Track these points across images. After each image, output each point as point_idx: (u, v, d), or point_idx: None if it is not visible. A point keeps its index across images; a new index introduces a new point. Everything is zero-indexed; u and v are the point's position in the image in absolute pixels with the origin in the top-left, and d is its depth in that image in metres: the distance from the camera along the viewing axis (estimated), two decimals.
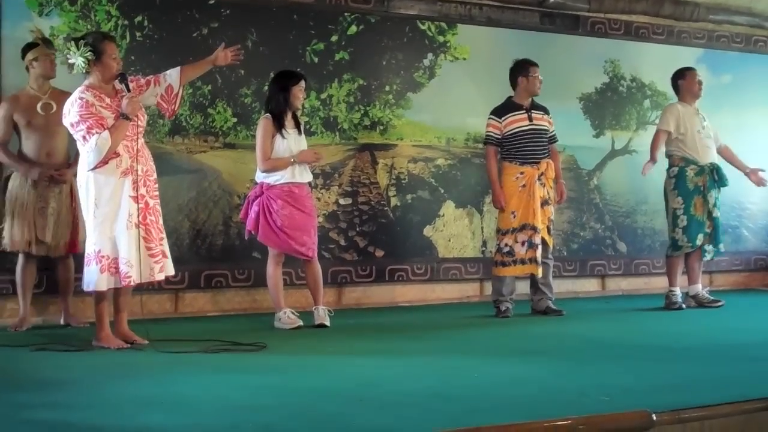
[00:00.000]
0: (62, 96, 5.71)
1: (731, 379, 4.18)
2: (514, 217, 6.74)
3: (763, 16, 9.22)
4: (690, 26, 8.96)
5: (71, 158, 6.03)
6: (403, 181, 7.73)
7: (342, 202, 7.49)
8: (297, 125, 6.34)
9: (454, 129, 7.81)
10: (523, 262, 6.72)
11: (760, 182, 7.52)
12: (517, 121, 6.82)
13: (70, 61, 5.27)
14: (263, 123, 6.23)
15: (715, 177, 7.17)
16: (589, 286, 8.51)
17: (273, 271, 6.27)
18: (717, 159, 7.34)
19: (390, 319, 6.84)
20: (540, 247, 6.71)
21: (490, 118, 6.90)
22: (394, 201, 7.69)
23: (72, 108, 5.19)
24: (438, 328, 6.32)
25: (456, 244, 7.91)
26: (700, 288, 7.37)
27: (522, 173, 6.75)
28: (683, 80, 7.38)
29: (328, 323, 6.20)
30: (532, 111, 6.87)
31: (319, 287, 6.33)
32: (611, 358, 4.87)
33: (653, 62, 8.77)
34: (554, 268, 8.00)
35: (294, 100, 6.26)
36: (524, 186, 6.73)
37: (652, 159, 7.28)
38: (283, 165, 6.17)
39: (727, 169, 7.48)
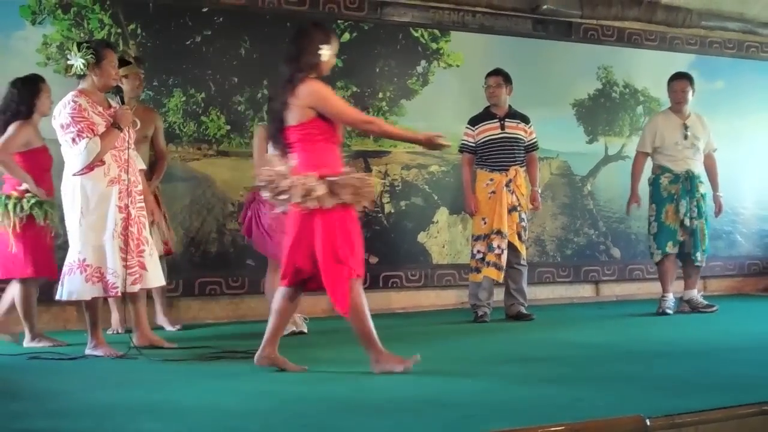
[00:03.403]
0: (146, 113, 5.89)
1: (725, 384, 4.18)
2: (485, 223, 6.84)
3: (755, 22, 9.25)
4: (682, 32, 8.99)
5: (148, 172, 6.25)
6: (396, 188, 7.74)
7: None
8: None
9: (448, 136, 7.62)
10: (495, 266, 6.76)
11: (717, 210, 7.41)
12: (489, 130, 6.93)
13: (69, 62, 5.27)
14: (258, 131, 6.21)
15: (688, 186, 7.08)
16: (583, 291, 8.52)
17: (272, 276, 6.24)
18: (700, 169, 7.25)
19: (384, 325, 6.76)
20: (504, 252, 6.75)
21: (465, 127, 7.05)
22: (388, 207, 7.69)
23: (63, 110, 5.17)
24: (432, 334, 6.32)
25: (450, 250, 7.92)
26: (695, 293, 7.30)
27: (491, 180, 6.86)
28: (668, 88, 7.37)
29: (306, 330, 6.22)
30: (506, 120, 6.94)
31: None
32: (605, 364, 4.86)
33: (646, 68, 8.80)
34: (548, 274, 8.06)
35: None
36: (493, 192, 6.84)
37: (633, 195, 7.28)
38: None
39: (722, 176, 7.45)
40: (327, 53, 4.57)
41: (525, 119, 7.03)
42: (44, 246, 5.75)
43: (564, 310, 7.60)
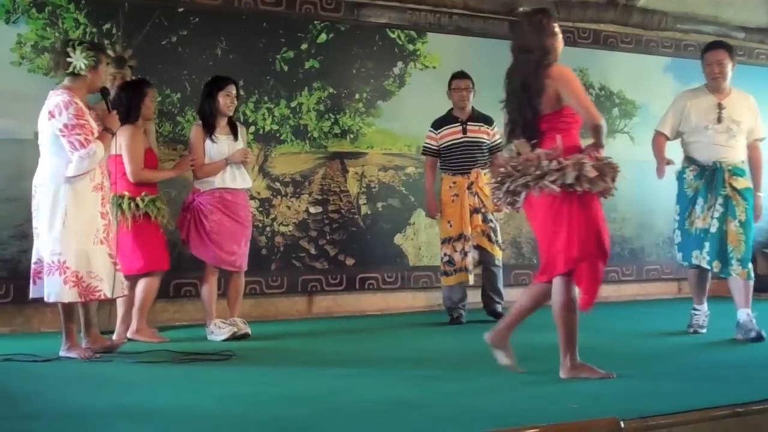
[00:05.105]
0: None
1: (699, 386, 4.21)
2: (450, 226, 6.85)
3: (728, 25, 9.32)
4: (658, 35, 9.04)
5: None
6: (373, 189, 7.74)
7: (312, 210, 7.48)
8: (233, 131, 6.26)
9: (424, 137, 7.80)
10: (463, 270, 6.76)
11: (757, 213, 5.93)
12: (451, 134, 6.94)
13: (69, 59, 5.15)
14: (193, 129, 6.20)
15: (711, 180, 5.83)
16: None
17: (208, 280, 6.18)
18: (736, 159, 5.91)
19: (360, 327, 6.83)
20: (469, 254, 6.78)
21: (429, 130, 7.05)
22: (364, 209, 7.69)
23: (65, 111, 5.05)
24: (408, 336, 6.32)
25: (426, 252, 7.92)
26: (744, 314, 5.82)
27: (454, 183, 6.87)
28: (701, 62, 6.07)
29: (249, 331, 6.12)
30: (468, 123, 6.94)
31: (239, 300, 6.29)
32: None
33: (621, 71, 8.84)
34: (524, 276, 8.07)
35: (221, 105, 6.15)
36: (456, 195, 6.84)
37: (660, 167, 5.94)
38: (218, 168, 6.10)
39: None
40: (560, 34, 4.48)
41: (488, 121, 7.00)
42: (158, 241, 6.05)
43: (540, 312, 7.59)
